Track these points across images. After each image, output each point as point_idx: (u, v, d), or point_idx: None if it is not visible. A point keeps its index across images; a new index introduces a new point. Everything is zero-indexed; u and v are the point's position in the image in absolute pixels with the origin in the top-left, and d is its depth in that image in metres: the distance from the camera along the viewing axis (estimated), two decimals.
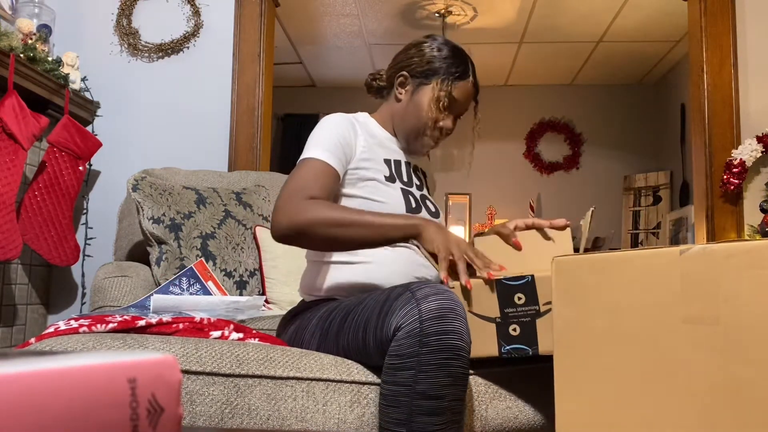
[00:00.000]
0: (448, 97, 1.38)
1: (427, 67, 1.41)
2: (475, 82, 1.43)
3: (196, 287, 1.70)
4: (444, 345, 1.01)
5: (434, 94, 1.38)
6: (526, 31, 4.45)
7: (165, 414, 0.36)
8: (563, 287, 0.87)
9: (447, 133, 1.43)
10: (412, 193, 1.40)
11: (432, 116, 1.38)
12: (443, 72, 1.39)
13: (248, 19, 2.52)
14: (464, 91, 1.40)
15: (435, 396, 1.02)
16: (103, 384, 0.33)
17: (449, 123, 1.40)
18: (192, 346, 1.13)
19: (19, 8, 2.30)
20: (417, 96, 1.40)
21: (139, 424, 0.34)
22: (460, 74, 1.39)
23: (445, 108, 1.38)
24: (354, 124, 1.41)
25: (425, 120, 1.39)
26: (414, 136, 1.42)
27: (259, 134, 2.47)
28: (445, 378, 1.02)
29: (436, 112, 1.38)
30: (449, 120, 1.40)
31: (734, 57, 2.50)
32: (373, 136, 1.44)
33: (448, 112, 1.40)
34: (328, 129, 1.36)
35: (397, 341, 1.04)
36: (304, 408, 1.12)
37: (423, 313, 1.02)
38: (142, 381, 0.35)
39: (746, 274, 0.67)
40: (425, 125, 1.39)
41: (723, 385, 0.69)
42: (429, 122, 1.39)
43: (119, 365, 0.34)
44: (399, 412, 1.04)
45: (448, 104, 1.38)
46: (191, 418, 1.08)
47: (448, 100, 1.38)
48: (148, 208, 1.78)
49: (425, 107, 1.39)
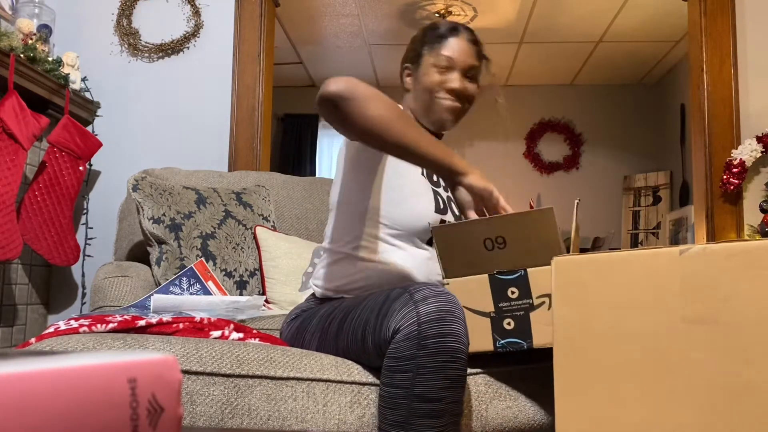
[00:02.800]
0: (440, 57, 1.39)
1: (415, 47, 1.45)
2: (472, 38, 1.44)
3: (196, 287, 1.70)
4: (442, 348, 1.01)
5: (428, 62, 1.40)
6: (526, 31, 4.45)
7: (165, 414, 0.36)
8: (563, 287, 0.87)
9: (462, 95, 1.42)
10: (440, 193, 1.40)
11: (435, 80, 1.39)
12: (428, 40, 1.42)
13: (248, 20, 2.52)
14: (454, 46, 1.41)
15: (433, 399, 1.02)
16: (103, 384, 0.33)
17: (456, 82, 1.40)
18: (192, 346, 1.13)
19: (19, 8, 2.30)
20: (418, 75, 1.43)
21: (139, 424, 0.34)
22: (444, 33, 1.42)
23: (443, 68, 1.40)
24: None
25: (430, 86, 1.40)
26: (430, 109, 1.42)
27: (259, 134, 2.47)
28: (443, 381, 1.01)
29: (437, 75, 1.40)
30: (455, 79, 1.40)
31: (734, 57, 2.50)
32: None
33: (449, 71, 1.40)
34: None
35: (395, 344, 1.04)
36: (304, 408, 1.12)
37: (421, 315, 1.02)
38: (142, 381, 0.35)
39: (746, 274, 0.67)
40: (433, 91, 1.40)
41: (723, 385, 0.69)
42: (434, 87, 1.39)
43: (119, 365, 0.34)
44: (397, 414, 1.03)
45: (444, 64, 1.40)
46: (191, 418, 1.08)
47: (441, 59, 1.39)
48: (148, 208, 1.79)
49: (426, 77, 1.40)
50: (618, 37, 4.51)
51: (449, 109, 1.41)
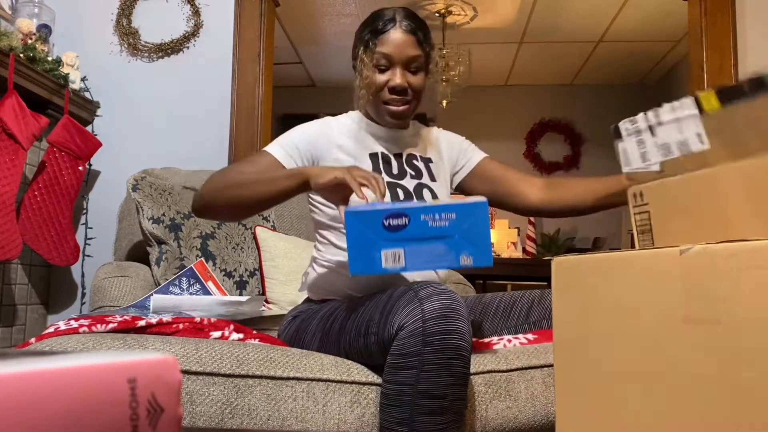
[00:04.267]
0: (376, 55, 1.34)
1: (355, 45, 1.42)
2: (410, 27, 1.37)
3: (196, 287, 1.70)
4: (447, 345, 1.01)
5: (367, 62, 1.36)
6: (526, 31, 4.45)
7: (165, 414, 0.36)
8: (563, 287, 0.87)
9: (403, 91, 1.36)
10: (401, 185, 1.38)
11: (375, 81, 1.35)
12: (363, 37, 1.38)
13: (248, 19, 2.52)
14: (389, 40, 1.35)
15: (437, 395, 1.02)
16: (103, 384, 0.33)
17: (396, 79, 1.34)
18: (192, 346, 1.13)
19: (19, 8, 2.30)
20: (361, 76, 1.39)
21: (139, 424, 0.34)
22: (378, 29, 1.36)
23: (380, 66, 1.35)
24: (330, 126, 1.42)
25: (369, 85, 1.36)
26: (377, 111, 1.39)
27: (259, 134, 2.47)
28: (447, 378, 1.02)
29: (374, 73, 1.35)
30: (396, 75, 1.34)
31: (734, 57, 2.50)
32: (356, 133, 1.43)
33: (388, 68, 1.35)
34: (291, 130, 1.40)
35: (399, 340, 1.04)
36: (304, 408, 1.12)
37: (426, 312, 1.02)
38: (142, 381, 0.35)
39: (746, 274, 0.67)
40: (373, 90, 1.36)
41: (723, 385, 0.69)
42: (373, 86, 1.35)
43: (119, 365, 0.34)
44: (401, 411, 1.04)
45: (383, 63, 1.35)
46: (191, 419, 1.08)
47: (378, 57, 1.35)
48: (148, 208, 1.78)
49: (367, 79, 1.36)
50: (618, 37, 4.51)
51: (395, 113, 1.37)
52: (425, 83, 1.41)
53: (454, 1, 4.03)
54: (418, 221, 1.04)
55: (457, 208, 1.05)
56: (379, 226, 1.04)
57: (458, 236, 1.04)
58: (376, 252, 1.05)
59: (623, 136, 0.91)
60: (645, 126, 0.89)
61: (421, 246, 1.05)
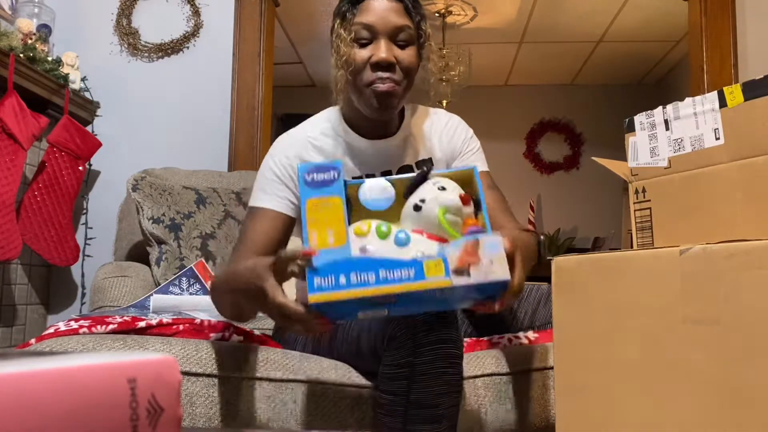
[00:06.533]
0: (354, 25, 1.13)
1: (332, 22, 1.20)
2: None
3: (196, 287, 1.70)
4: (438, 354, 0.99)
5: (345, 36, 1.14)
6: (526, 31, 4.45)
7: (165, 414, 0.36)
8: (563, 287, 0.87)
9: (389, 66, 1.13)
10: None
11: (352, 56, 1.13)
12: (340, 9, 1.17)
13: (248, 19, 2.52)
14: (370, 8, 1.14)
15: (430, 405, 1.00)
16: (103, 384, 0.33)
17: (381, 52, 1.12)
18: (192, 347, 1.13)
19: (19, 8, 2.30)
20: (338, 54, 1.16)
21: (139, 424, 0.34)
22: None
23: (361, 39, 1.14)
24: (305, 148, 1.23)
25: (348, 62, 1.13)
26: (356, 91, 1.16)
27: (259, 134, 2.47)
28: (440, 387, 1.00)
29: (354, 48, 1.14)
30: (380, 49, 1.13)
31: (734, 57, 2.50)
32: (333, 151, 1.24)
33: (370, 41, 1.14)
34: (264, 168, 1.22)
35: (390, 351, 1.02)
36: (304, 411, 1.12)
37: (417, 323, 1.00)
38: (142, 381, 0.35)
39: (746, 274, 0.67)
40: (353, 69, 1.14)
41: (723, 385, 0.68)
42: (352, 63, 1.13)
43: (119, 365, 0.34)
44: (394, 420, 1.02)
45: (361, 33, 1.14)
46: (191, 420, 1.08)
47: (358, 28, 1.13)
48: (148, 208, 1.78)
49: (342, 52, 1.14)
50: (618, 37, 4.51)
51: (382, 93, 1.13)
52: (418, 62, 1.18)
53: (454, 1, 4.02)
54: (410, 297, 0.81)
55: (468, 289, 0.81)
56: (357, 309, 0.83)
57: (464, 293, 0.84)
58: (351, 316, 0.90)
59: (636, 130, 0.91)
60: (661, 120, 0.89)
61: (410, 306, 0.87)
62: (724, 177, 0.81)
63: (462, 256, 0.80)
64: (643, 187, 0.90)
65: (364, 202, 0.87)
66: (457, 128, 1.31)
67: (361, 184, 0.88)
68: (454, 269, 0.79)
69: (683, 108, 0.86)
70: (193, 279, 1.71)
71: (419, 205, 0.85)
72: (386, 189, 0.88)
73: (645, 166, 0.89)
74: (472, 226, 0.85)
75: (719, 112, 0.82)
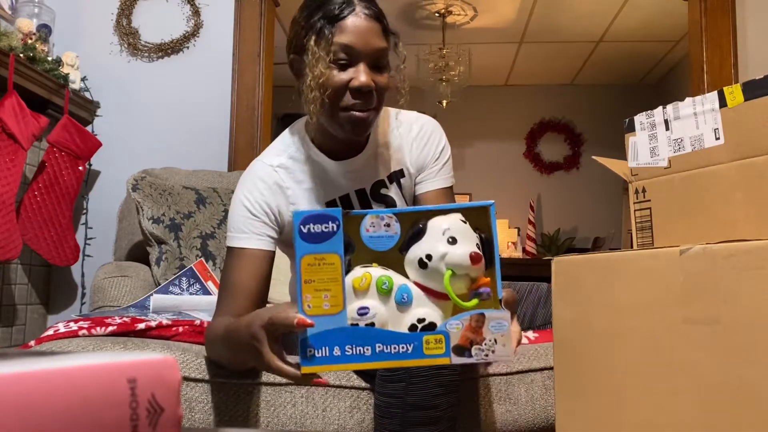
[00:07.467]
0: (333, 45, 1.06)
1: (298, 32, 1.12)
2: (372, 12, 1.09)
3: (196, 287, 1.70)
4: None
5: (319, 56, 1.06)
6: (526, 31, 4.45)
7: (165, 414, 0.36)
8: (563, 287, 0.87)
9: (369, 93, 1.08)
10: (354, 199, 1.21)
11: (330, 79, 1.06)
12: (313, 24, 1.08)
13: (248, 19, 2.52)
14: (349, 28, 1.06)
15: (427, 406, 1.00)
16: (103, 384, 0.33)
17: (361, 76, 1.06)
18: (192, 353, 1.13)
19: (19, 8, 2.30)
20: (306, 72, 1.08)
21: (139, 425, 0.34)
22: (335, 14, 1.07)
23: (339, 60, 1.07)
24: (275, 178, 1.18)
25: (324, 85, 1.06)
26: (330, 115, 1.10)
27: (259, 134, 2.47)
28: (436, 388, 1.00)
29: (331, 70, 1.06)
30: (360, 73, 1.07)
31: (734, 57, 2.50)
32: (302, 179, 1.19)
33: (348, 63, 1.07)
34: (234, 208, 1.18)
35: None
36: (303, 414, 1.12)
37: None
38: (142, 381, 0.35)
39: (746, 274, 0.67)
40: (331, 93, 1.07)
41: (723, 385, 0.68)
42: (330, 86, 1.06)
43: (119, 365, 0.34)
44: (392, 423, 1.02)
45: (339, 54, 1.06)
46: (190, 425, 1.08)
47: (337, 49, 1.06)
48: (147, 208, 1.78)
49: (321, 78, 1.06)
50: (618, 37, 4.51)
51: (358, 121, 1.09)
52: (389, 85, 1.13)
53: (454, 1, 4.02)
54: None
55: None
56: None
57: None
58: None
59: (636, 130, 0.91)
60: (661, 120, 0.89)
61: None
62: (724, 177, 0.81)
63: (465, 334, 0.76)
64: (643, 187, 0.90)
65: (365, 240, 0.82)
66: (430, 137, 1.25)
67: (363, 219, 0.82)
68: (455, 346, 0.76)
69: (683, 108, 0.86)
70: (193, 279, 1.71)
71: (425, 262, 0.79)
72: (390, 227, 0.82)
73: (645, 166, 0.89)
74: (481, 285, 0.79)
75: (719, 112, 0.82)
